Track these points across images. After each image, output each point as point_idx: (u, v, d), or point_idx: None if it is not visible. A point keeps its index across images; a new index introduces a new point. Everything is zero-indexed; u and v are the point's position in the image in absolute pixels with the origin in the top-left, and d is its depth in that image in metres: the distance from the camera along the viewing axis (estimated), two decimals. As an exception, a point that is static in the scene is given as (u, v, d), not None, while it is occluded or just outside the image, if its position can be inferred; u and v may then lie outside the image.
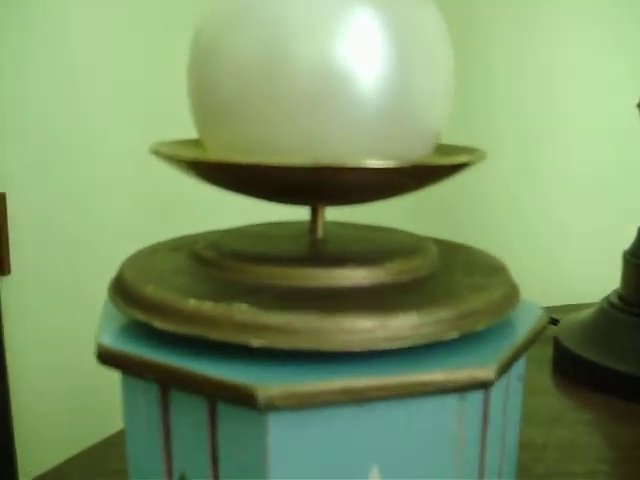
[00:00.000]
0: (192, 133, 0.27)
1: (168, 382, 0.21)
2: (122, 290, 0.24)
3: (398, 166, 0.21)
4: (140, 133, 0.50)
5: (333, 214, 0.28)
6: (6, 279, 0.52)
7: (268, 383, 0.19)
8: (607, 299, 0.50)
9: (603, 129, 0.60)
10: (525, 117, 0.59)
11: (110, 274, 0.26)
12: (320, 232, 0.26)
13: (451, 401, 0.21)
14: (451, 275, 0.24)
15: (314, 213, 0.26)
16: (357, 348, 0.20)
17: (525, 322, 0.24)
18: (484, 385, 0.20)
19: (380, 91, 0.23)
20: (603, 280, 0.58)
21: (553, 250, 0.62)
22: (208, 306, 0.21)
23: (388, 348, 0.20)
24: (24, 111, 0.50)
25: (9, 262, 0.51)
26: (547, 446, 0.38)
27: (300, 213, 0.28)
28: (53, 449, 0.50)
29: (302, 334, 0.20)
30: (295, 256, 0.25)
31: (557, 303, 0.58)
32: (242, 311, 0.21)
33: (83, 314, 0.50)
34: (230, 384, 0.19)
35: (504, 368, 0.21)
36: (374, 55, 0.22)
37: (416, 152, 0.24)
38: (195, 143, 0.29)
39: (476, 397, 0.21)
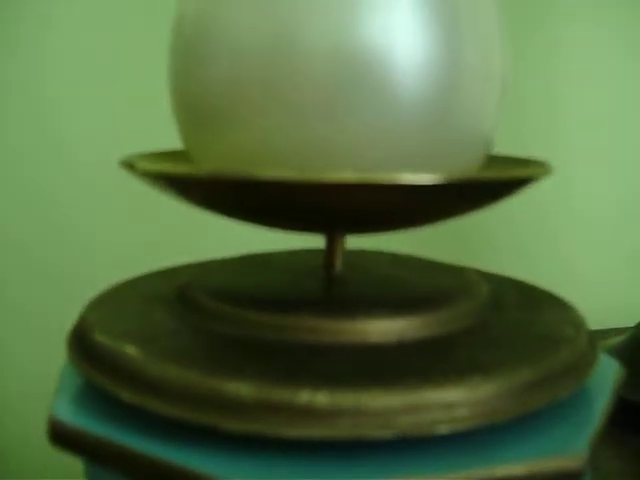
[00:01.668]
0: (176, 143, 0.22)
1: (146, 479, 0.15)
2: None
3: (449, 182, 0.16)
4: (117, 146, 0.45)
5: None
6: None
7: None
8: (640, 327, 0.44)
9: (616, 143, 0.55)
10: (526, 133, 0.54)
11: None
12: (338, 265, 0.21)
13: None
14: (470, 341, 0.18)
15: (330, 242, 0.21)
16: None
17: (600, 383, 0.19)
18: (572, 478, 0.15)
19: (421, 83, 0.17)
20: (625, 301, 0.54)
21: (570, 266, 0.57)
22: (100, 339, 0.18)
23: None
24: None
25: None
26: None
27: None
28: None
29: (178, 395, 0.15)
30: (275, 296, 0.20)
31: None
32: (128, 354, 0.17)
33: (54, 349, 0.45)
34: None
35: (593, 452, 0.16)
36: (413, 35, 0.17)
37: (464, 164, 0.19)
38: (179, 155, 0.24)
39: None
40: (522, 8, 0.51)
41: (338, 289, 0.20)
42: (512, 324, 0.19)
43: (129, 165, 0.18)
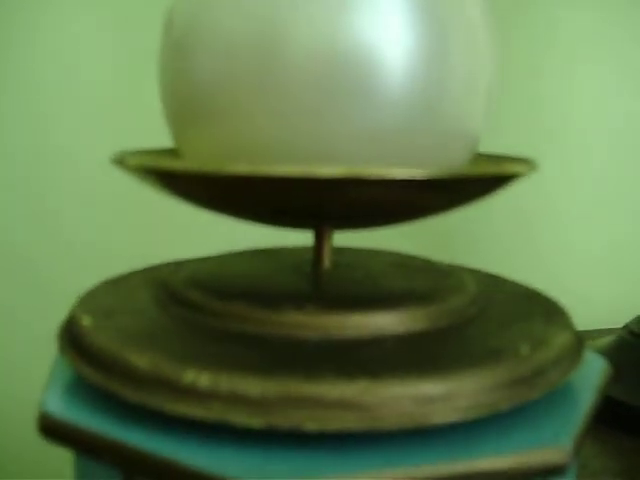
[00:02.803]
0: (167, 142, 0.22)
1: (136, 471, 0.15)
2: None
3: (435, 177, 0.16)
4: (108, 146, 0.45)
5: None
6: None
7: None
8: (628, 328, 0.45)
9: (618, 131, 0.55)
10: (531, 123, 0.54)
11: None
12: (327, 262, 0.21)
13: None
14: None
15: (319, 238, 0.21)
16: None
17: (585, 379, 0.19)
18: (557, 471, 0.15)
19: (407, 81, 0.17)
20: (613, 303, 0.54)
21: (561, 268, 0.57)
22: (73, 312, 0.19)
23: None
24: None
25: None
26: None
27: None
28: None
29: (99, 363, 0.17)
30: (239, 287, 0.20)
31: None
32: (82, 324, 0.18)
33: (41, 351, 0.45)
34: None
35: (578, 446, 0.16)
36: (399, 34, 0.17)
37: (451, 161, 0.19)
38: (170, 153, 0.24)
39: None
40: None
41: (305, 283, 0.20)
42: (468, 334, 0.18)
43: (119, 161, 0.19)
